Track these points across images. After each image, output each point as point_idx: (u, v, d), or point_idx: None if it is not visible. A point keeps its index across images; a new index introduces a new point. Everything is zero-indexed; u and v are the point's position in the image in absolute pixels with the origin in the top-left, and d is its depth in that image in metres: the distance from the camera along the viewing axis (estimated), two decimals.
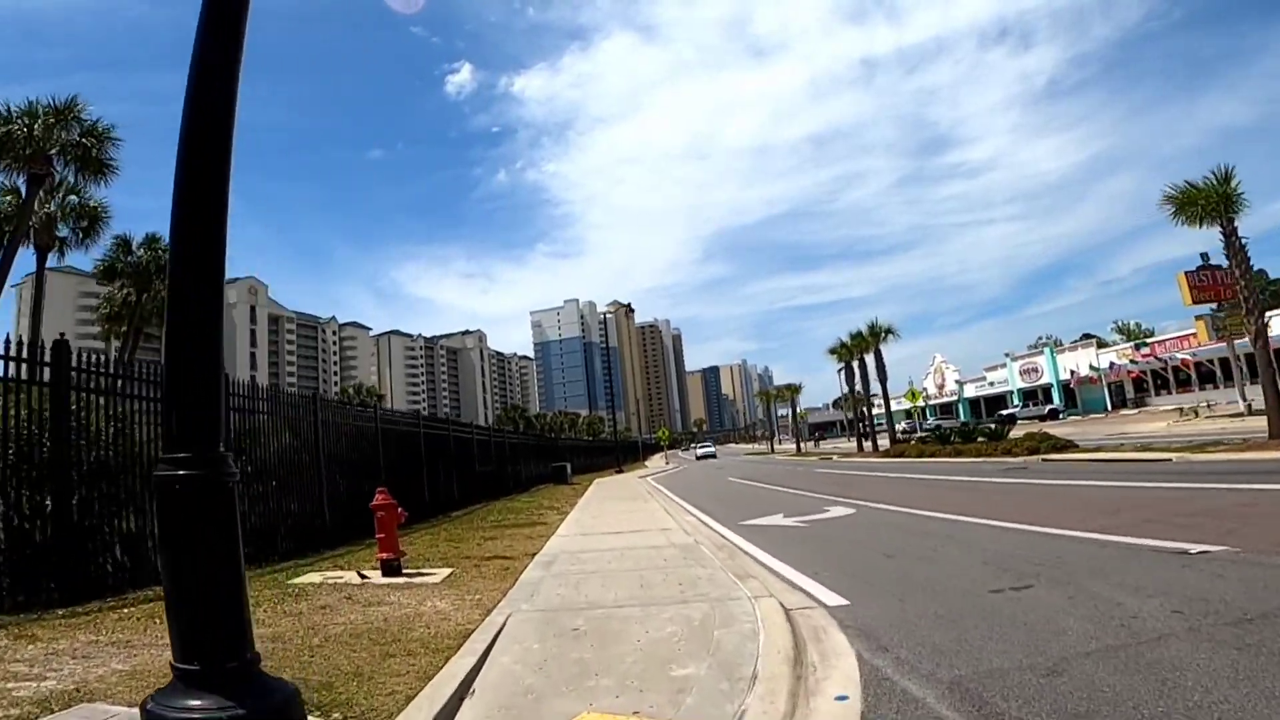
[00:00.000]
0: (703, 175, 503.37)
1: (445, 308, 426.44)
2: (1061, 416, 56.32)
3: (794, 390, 55.68)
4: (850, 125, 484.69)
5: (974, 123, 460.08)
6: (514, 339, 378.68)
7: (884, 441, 34.34)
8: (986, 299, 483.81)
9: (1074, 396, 60.30)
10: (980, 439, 23.62)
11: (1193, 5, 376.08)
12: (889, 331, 30.88)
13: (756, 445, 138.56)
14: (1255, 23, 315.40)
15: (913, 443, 29.41)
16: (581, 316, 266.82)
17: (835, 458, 35.55)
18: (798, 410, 55.68)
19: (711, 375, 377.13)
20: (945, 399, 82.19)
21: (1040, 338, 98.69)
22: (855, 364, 33.17)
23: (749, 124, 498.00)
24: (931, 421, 75.53)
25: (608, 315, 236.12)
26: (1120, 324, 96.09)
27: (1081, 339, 74.00)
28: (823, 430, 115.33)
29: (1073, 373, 54.80)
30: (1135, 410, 47.35)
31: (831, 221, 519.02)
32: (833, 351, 35.39)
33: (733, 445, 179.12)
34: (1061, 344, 65.42)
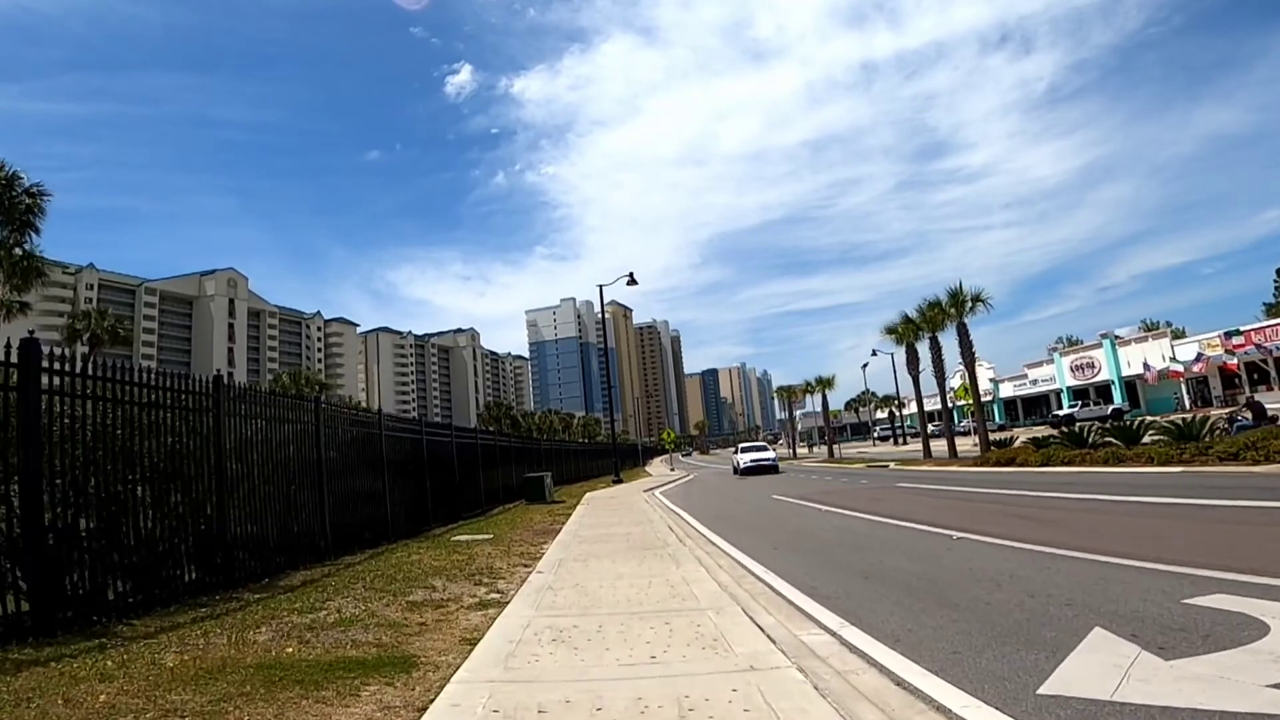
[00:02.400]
0: (699, 180, 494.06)
1: (441, 310, 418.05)
2: (1127, 418, 48.93)
3: (825, 384, 47.36)
4: (848, 130, 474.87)
5: (972, 128, 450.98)
6: (510, 341, 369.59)
7: (964, 444, 26.76)
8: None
9: (1136, 395, 52.91)
10: (1155, 438, 16.13)
11: (1192, 11, 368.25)
12: (978, 300, 23.28)
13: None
14: (1253, 29, 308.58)
15: (1017, 445, 21.77)
16: (578, 316, 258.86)
17: (893, 465, 27.92)
18: (828, 408, 47.24)
19: (710, 378, 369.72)
20: None
21: (1059, 339, 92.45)
22: (927, 344, 25.52)
23: (746, 129, 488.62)
24: (967, 424, 67.95)
25: (606, 288, 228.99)
26: (1149, 322, 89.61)
27: (1101, 332, 66.58)
28: (834, 433, 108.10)
29: (1147, 366, 47.25)
30: (1231, 409, 39.91)
31: (828, 227, 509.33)
32: (890, 331, 27.77)
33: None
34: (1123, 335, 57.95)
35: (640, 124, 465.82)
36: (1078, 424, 49.94)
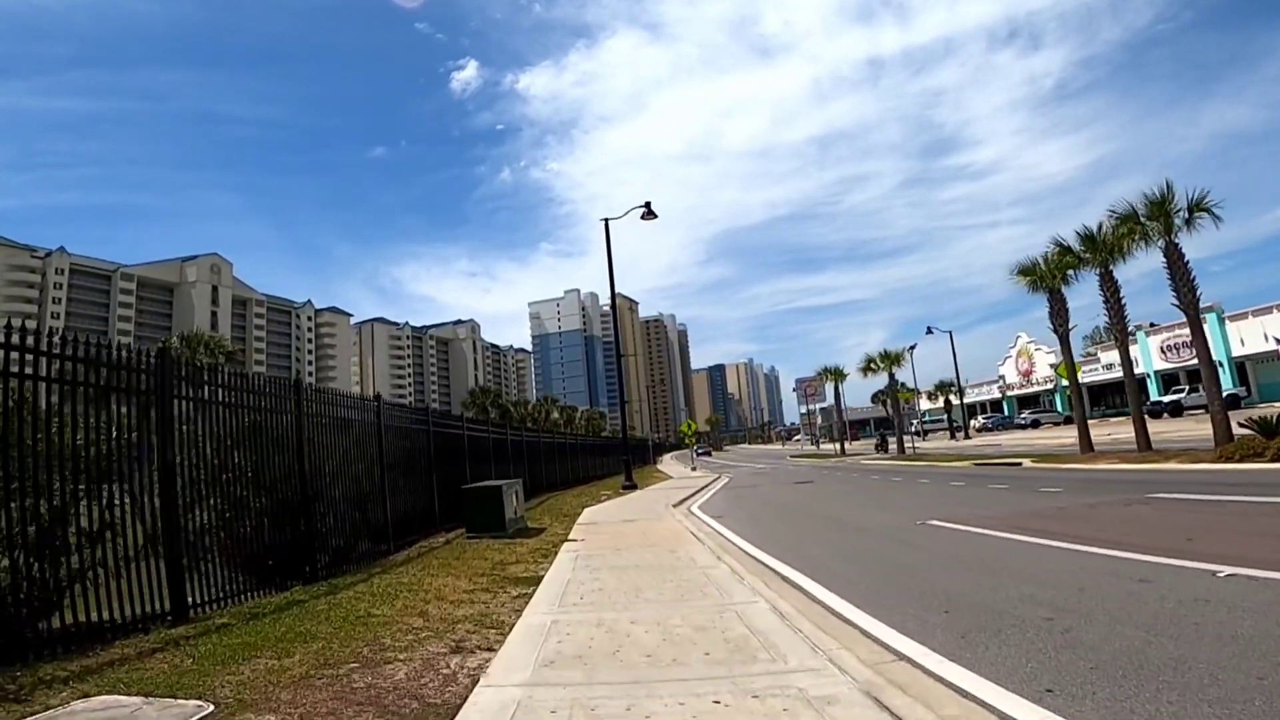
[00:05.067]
0: (705, 177, 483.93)
1: (446, 307, 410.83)
2: (1243, 405, 40.38)
3: (892, 360, 37.58)
4: (855, 127, 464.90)
5: (979, 125, 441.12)
6: (516, 338, 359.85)
7: (1163, 432, 18.15)
8: (988, 302, 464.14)
9: (1247, 379, 44.33)
10: None
11: (1201, 7, 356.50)
12: (1198, 208, 14.72)
13: (781, 445, 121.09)
14: (1262, 26, 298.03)
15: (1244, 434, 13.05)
16: (583, 308, 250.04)
17: (1027, 463, 19.40)
18: (896, 390, 37.51)
19: (717, 374, 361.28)
20: (1034, 388, 65.60)
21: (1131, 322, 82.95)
22: (1101, 278, 16.85)
23: (753, 125, 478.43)
24: (1028, 415, 59.22)
25: (614, 222, 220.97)
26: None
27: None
28: (856, 429, 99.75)
29: (1277, 340, 38.63)
30: None
31: (834, 224, 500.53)
32: (1025, 272, 19.21)
33: (746, 446, 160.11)
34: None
35: (646, 120, 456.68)
36: (1185, 412, 41.46)
